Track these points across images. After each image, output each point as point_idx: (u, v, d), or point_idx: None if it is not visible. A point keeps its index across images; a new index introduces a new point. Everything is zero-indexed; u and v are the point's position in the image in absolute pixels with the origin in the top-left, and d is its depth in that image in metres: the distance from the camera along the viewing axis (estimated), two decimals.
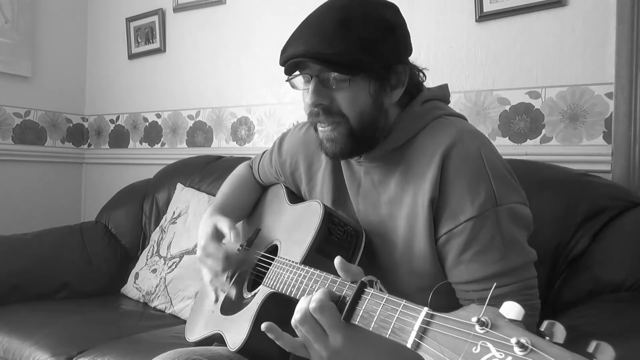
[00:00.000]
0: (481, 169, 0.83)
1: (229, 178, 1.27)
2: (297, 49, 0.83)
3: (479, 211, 0.82)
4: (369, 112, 0.87)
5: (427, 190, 0.85)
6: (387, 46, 0.85)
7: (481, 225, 0.82)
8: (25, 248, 1.86)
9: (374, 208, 0.94)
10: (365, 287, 0.67)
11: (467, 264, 0.83)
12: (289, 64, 0.85)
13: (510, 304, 0.50)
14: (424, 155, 0.87)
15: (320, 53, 0.82)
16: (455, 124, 0.91)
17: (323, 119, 0.87)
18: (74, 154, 2.73)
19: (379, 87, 0.87)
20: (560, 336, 0.46)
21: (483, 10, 1.59)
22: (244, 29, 2.18)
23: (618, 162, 1.36)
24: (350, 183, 0.98)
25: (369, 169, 0.95)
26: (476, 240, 0.82)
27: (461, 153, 0.84)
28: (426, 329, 0.56)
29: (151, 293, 1.79)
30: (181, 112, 2.38)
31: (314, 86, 0.85)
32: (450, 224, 0.84)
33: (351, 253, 0.89)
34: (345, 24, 0.82)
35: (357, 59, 0.82)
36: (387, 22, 0.86)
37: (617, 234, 1.15)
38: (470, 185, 0.83)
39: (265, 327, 0.72)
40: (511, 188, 0.86)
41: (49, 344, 1.41)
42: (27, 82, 2.51)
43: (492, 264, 0.81)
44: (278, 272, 0.89)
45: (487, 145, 0.88)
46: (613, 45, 1.38)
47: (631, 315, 0.97)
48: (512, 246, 0.82)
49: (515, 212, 0.84)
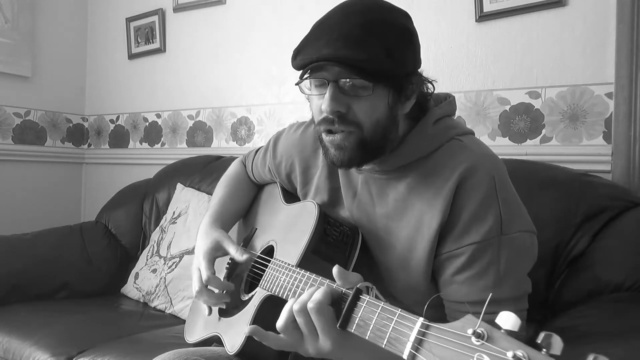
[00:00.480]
0: (492, 194, 0.82)
1: (224, 179, 1.25)
2: (320, 52, 0.79)
3: (484, 238, 0.81)
4: (384, 122, 0.83)
5: (437, 213, 0.83)
6: (407, 54, 0.83)
7: (482, 251, 0.81)
8: (25, 248, 1.86)
9: (369, 219, 0.92)
10: (361, 294, 0.66)
11: (460, 285, 0.83)
12: (311, 67, 0.81)
13: (507, 315, 0.50)
14: (437, 178, 0.85)
15: (348, 58, 0.78)
16: (470, 147, 0.88)
17: (337, 127, 0.82)
18: (74, 154, 2.73)
19: (397, 97, 0.84)
20: (557, 348, 0.46)
21: (483, 10, 1.59)
22: (243, 29, 2.18)
23: (618, 162, 1.36)
24: (346, 190, 0.97)
25: (368, 179, 0.93)
26: (473, 265, 0.82)
27: (476, 179, 0.83)
28: (422, 340, 0.55)
29: (151, 293, 1.79)
30: (181, 112, 2.38)
31: (332, 92, 0.81)
32: (453, 245, 0.83)
33: (347, 253, 0.89)
34: (369, 29, 0.79)
35: (383, 65, 0.79)
36: (407, 30, 0.84)
37: (617, 234, 1.15)
38: (479, 210, 0.82)
39: (250, 331, 0.74)
40: (519, 215, 0.85)
41: (49, 344, 1.41)
42: (27, 82, 2.51)
43: (485, 290, 0.80)
44: (274, 274, 0.89)
45: (501, 170, 0.87)
46: (613, 45, 1.38)
47: (631, 315, 0.97)
48: (507, 278, 0.81)
49: (519, 241, 0.83)
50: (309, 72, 0.83)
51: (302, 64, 0.83)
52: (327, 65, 0.80)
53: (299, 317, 0.70)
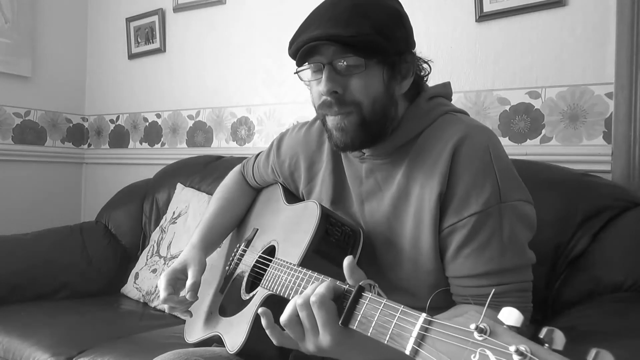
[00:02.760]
0: (488, 164, 0.83)
1: (218, 190, 1.26)
2: (311, 34, 0.83)
3: (483, 207, 0.82)
4: (382, 100, 0.86)
5: (435, 185, 0.85)
6: (397, 33, 0.86)
7: (484, 221, 0.82)
8: (26, 248, 1.86)
9: (379, 206, 0.93)
10: (363, 291, 0.66)
11: (465, 259, 0.83)
12: (303, 49, 0.84)
13: (509, 310, 0.50)
14: (433, 150, 0.87)
15: (337, 35, 0.81)
16: (462, 120, 0.91)
17: (336, 108, 0.85)
18: (74, 154, 2.73)
19: (392, 74, 0.87)
20: (559, 343, 0.46)
21: (483, 10, 1.59)
22: (244, 29, 2.18)
23: (618, 162, 1.36)
24: (352, 181, 0.98)
25: (372, 168, 0.94)
26: (477, 236, 0.82)
27: (470, 148, 0.84)
28: (424, 336, 0.55)
29: (151, 293, 1.79)
30: (181, 112, 2.38)
31: (328, 73, 0.84)
32: (454, 217, 0.84)
33: (349, 253, 0.88)
34: (360, 9, 0.83)
35: (374, 41, 0.82)
36: (398, 12, 0.88)
37: (617, 234, 1.15)
38: (476, 180, 0.83)
39: (262, 311, 0.74)
40: (516, 185, 0.86)
41: (49, 344, 1.41)
42: (27, 82, 2.51)
43: (490, 261, 0.82)
44: (276, 273, 0.89)
45: (495, 141, 0.88)
46: (613, 45, 1.38)
47: (631, 315, 0.97)
48: (511, 246, 0.82)
49: (519, 209, 0.84)
50: (306, 58, 0.86)
51: (296, 48, 0.85)
52: (320, 48, 0.83)
53: (302, 310, 0.70)
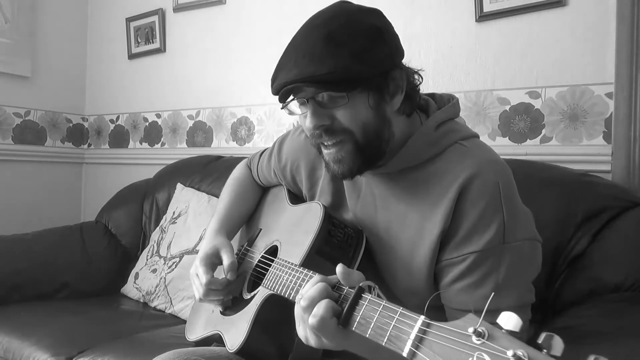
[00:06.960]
0: (497, 205, 0.81)
1: (230, 182, 1.26)
2: (288, 75, 0.80)
3: (484, 247, 0.80)
4: (372, 124, 0.83)
5: (439, 220, 0.82)
6: (379, 53, 0.81)
7: (482, 260, 0.80)
8: (26, 248, 1.86)
9: (371, 221, 0.92)
10: (362, 293, 0.66)
11: (457, 293, 0.82)
12: (282, 92, 0.82)
13: (508, 314, 0.49)
14: (438, 184, 0.84)
15: (312, 76, 0.78)
16: (473, 153, 0.86)
17: (327, 139, 0.83)
18: (74, 154, 2.73)
19: (379, 97, 0.83)
20: (558, 349, 0.46)
21: (483, 10, 1.59)
22: (244, 29, 2.18)
23: (618, 162, 1.36)
24: (350, 192, 0.97)
25: (371, 182, 0.93)
26: (472, 274, 0.81)
27: (479, 188, 0.81)
28: (422, 338, 0.55)
29: (151, 293, 1.79)
30: (181, 112, 2.38)
31: (312, 109, 0.82)
32: (454, 252, 0.82)
33: (351, 255, 0.88)
34: (332, 40, 0.78)
35: (351, 73, 0.78)
36: (374, 28, 0.82)
37: (617, 234, 1.15)
38: (482, 220, 0.80)
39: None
40: (523, 224, 0.83)
41: (49, 344, 1.41)
42: (27, 82, 2.51)
43: (481, 300, 0.79)
44: (277, 273, 0.89)
45: (506, 178, 0.84)
46: (613, 45, 1.38)
47: (631, 315, 0.97)
48: (507, 287, 0.80)
49: (522, 250, 0.82)
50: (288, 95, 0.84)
51: (277, 89, 0.83)
52: (300, 86, 0.81)
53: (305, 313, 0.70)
